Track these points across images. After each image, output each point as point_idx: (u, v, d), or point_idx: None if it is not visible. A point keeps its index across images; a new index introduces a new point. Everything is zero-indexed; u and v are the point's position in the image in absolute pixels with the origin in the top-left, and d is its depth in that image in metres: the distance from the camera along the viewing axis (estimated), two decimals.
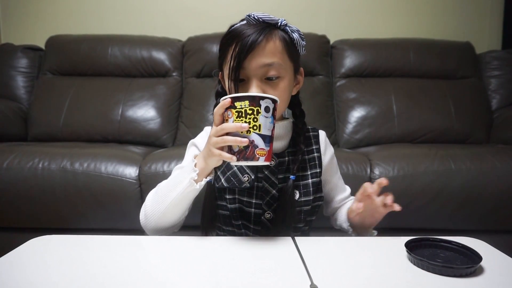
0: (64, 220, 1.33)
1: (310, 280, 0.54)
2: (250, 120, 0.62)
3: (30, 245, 0.67)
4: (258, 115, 0.62)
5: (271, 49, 0.72)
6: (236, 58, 0.71)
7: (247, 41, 0.70)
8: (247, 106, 0.62)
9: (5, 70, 2.00)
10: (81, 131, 1.83)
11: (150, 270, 0.58)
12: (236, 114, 0.63)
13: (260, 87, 0.72)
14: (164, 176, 1.31)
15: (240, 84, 0.73)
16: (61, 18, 2.27)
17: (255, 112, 0.62)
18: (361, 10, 2.26)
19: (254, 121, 0.62)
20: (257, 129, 0.62)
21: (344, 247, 0.68)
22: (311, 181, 0.83)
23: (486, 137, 1.87)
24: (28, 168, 1.31)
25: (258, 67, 0.72)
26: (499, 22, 2.27)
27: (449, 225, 1.32)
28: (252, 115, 0.62)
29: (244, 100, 0.62)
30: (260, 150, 0.63)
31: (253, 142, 0.62)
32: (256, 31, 0.71)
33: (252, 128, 0.62)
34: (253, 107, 0.62)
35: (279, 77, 0.74)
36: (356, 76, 2.00)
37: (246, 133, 0.62)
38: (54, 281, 0.54)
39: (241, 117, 0.62)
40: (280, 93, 0.73)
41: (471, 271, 0.56)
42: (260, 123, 0.62)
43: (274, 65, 0.72)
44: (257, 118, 0.62)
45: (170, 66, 2.00)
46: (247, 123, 0.62)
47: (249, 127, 0.62)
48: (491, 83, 2.02)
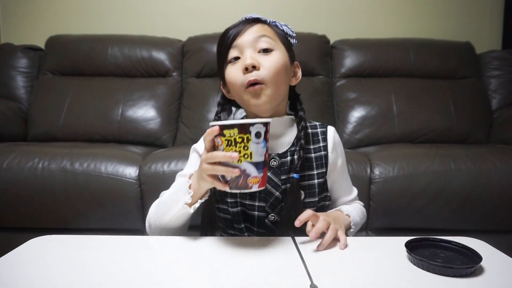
0: (64, 220, 1.33)
1: (310, 280, 0.54)
2: (241, 149, 0.59)
3: (30, 245, 0.67)
4: (248, 143, 0.58)
5: (260, 28, 0.77)
6: (229, 39, 0.76)
7: (237, 25, 0.77)
8: (236, 134, 0.58)
9: (5, 70, 2.00)
10: (81, 131, 1.83)
11: (150, 270, 0.58)
12: (225, 143, 0.59)
13: (253, 58, 0.73)
14: (164, 176, 1.33)
15: (234, 61, 0.76)
16: (61, 18, 2.27)
17: (245, 140, 0.58)
18: (361, 10, 2.26)
19: (245, 150, 0.59)
20: (248, 157, 0.59)
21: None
22: (317, 181, 0.79)
23: (486, 137, 1.88)
24: (28, 168, 1.31)
25: (252, 39, 0.74)
26: (499, 22, 2.27)
27: (449, 225, 1.32)
28: (242, 143, 0.58)
29: (232, 128, 0.58)
30: (253, 178, 0.60)
31: (245, 172, 0.59)
32: (249, 22, 0.77)
33: (243, 157, 0.59)
34: (243, 135, 0.58)
35: (272, 50, 0.75)
36: (356, 76, 2.00)
37: (237, 162, 0.59)
38: (54, 281, 0.54)
39: (231, 146, 0.59)
40: (273, 63, 0.74)
41: (471, 271, 0.56)
42: (251, 150, 0.59)
43: (265, 37, 0.75)
44: (248, 146, 0.59)
45: (170, 66, 2.00)
46: (237, 152, 0.58)
47: (239, 156, 0.59)
48: (491, 83, 2.02)
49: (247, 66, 0.72)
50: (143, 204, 1.32)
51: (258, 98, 0.74)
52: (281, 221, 0.77)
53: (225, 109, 0.85)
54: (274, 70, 0.73)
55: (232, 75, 0.75)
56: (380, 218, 1.34)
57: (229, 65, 0.76)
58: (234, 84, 0.75)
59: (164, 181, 1.30)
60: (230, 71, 0.76)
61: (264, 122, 0.60)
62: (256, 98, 0.74)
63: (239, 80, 0.74)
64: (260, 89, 0.73)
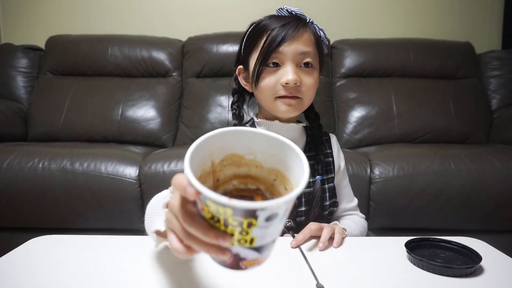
0: (64, 220, 1.33)
1: (316, 279, 0.53)
2: (235, 233, 0.34)
3: (30, 245, 0.67)
4: (250, 228, 0.34)
5: (307, 39, 0.75)
6: (273, 42, 0.71)
7: (286, 28, 0.72)
8: (228, 215, 0.33)
9: (5, 70, 2.00)
10: (81, 131, 1.83)
11: (150, 270, 0.58)
12: (208, 214, 0.35)
13: (296, 73, 0.72)
14: (164, 176, 1.33)
15: (273, 68, 0.74)
16: (61, 18, 2.27)
17: (244, 225, 0.34)
18: (361, 10, 2.26)
19: (242, 235, 0.35)
20: (247, 243, 0.35)
21: (344, 247, 0.68)
22: (327, 186, 0.82)
23: (486, 137, 1.88)
24: (28, 168, 1.31)
25: (297, 53, 0.73)
26: (499, 22, 2.27)
27: (449, 225, 1.32)
28: (239, 227, 0.34)
29: (223, 206, 0.32)
30: (249, 261, 0.37)
31: (238, 255, 0.37)
32: (292, 21, 0.74)
33: (236, 242, 0.35)
34: (241, 218, 0.33)
35: (313, 67, 0.76)
36: (356, 76, 2.00)
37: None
38: (54, 281, 0.54)
39: (217, 222, 0.35)
40: (314, 82, 0.75)
41: (471, 271, 0.56)
42: (254, 236, 0.35)
43: (310, 54, 0.74)
44: (248, 232, 0.34)
45: (170, 66, 2.00)
46: (228, 235, 0.35)
47: (231, 240, 0.35)
48: (491, 83, 2.02)
49: (290, 82, 0.72)
50: (143, 204, 1.32)
51: (290, 108, 0.75)
52: (296, 228, 0.77)
53: (241, 97, 0.85)
54: (313, 89, 0.76)
55: (269, 81, 0.74)
56: (380, 218, 1.34)
57: (267, 68, 0.74)
58: (268, 89, 0.75)
59: (164, 181, 1.31)
60: (267, 76, 0.74)
61: (288, 199, 0.33)
62: (288, 107, 0.75)
63: (275, 88, 0.74)
64: (296, 102, 0.75)
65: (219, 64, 1.96)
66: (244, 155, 0.39)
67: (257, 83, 0.75)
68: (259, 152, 0.39)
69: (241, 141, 0.39)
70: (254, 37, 0.76)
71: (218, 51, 1.96)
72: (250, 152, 0.38)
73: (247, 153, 0.38)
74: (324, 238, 0.66)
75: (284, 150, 0.38)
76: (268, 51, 0.72)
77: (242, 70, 0.82)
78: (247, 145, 0.39)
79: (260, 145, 0.39)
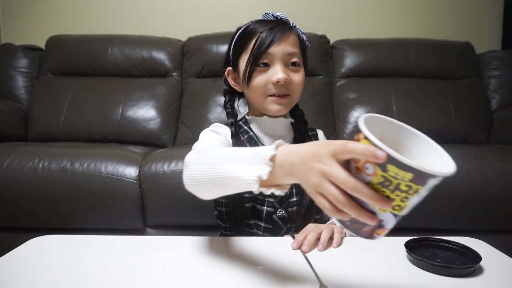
0: (64, 220, 1.33)
1: (319, 280, 0.53)
2: (397, 198, 0.39)
3: (30, 245, 0.67)
4: (413, 195, 0.39)
5: (293, 40, 0.81)
6: (263, 44, 0.77)
7: (274, 31, 0.78)
8: (406, 180, 0.38)
9: (5, 70, 2.00)
10: (81, 131, 1.83)
11: (150, 270, 0.58)
12: (380, 179, 0.39)
13: (285, 72, 0.78)
14: (164, 176, 1.32)
15: (263, 67, 0.79)
16: (61, 18, 2.27)
17: (410, 191, 0.39)
18: (361, 10, 2.26)
19: (402, 201, 0.40)
20: (398, 210, 0.40)
21: (344, 247, 0.68)
22: None
23: (486, 137, 1.87)
24: (28, 168, 1.31)
25: (285, 54, 0.79)
26: (499, 22, 2.27)
27: (449, 225, 1.32)
28: (404, 193, 0.39)
29: (406, 171, 0.37)
30: (383, 230, 0.43)
31: (381, 222, 0.42)
32: (279, 24, 0.80)
33: (392, 208, 0.40)
34: (414, 184, 0.38)
35: (299, 66, 0.82)
36: (356, 76, 2.00)
37: (378, 209, 0.41)
38: (54, 281, 0.54)
39: (385, 187, 0.39)
40: (301, 79, 0.81)
41: (471, 271, 0.56)
42: (408, 204, 0.40)
43: (296, 54, 0.80)
44: (409, 198, 0.39)
45: (170, 66, 2.00)
46: (391, 200, 0.39)
47: (391, 206, 0.40)
48: (491, 83, 2.02)
49: (280, 81, 0.77)
50: (143, 204, 1.32)
51: (281, 107, 0.81)
52: (288, 218, 0.81)
53: (232, 97, 0.90)
54: (301, 86, 0.82)
55: (260, 80, 0.79)
56: None
57: (258, 68, 0.79)
58: (259, 88, 0.80)
59: (164, 181, 1.31)
60: (258, 75, 0.79)
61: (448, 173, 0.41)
62: (280, 106, 0.80)
63: (266, 87, 0.79)
64: (286, 101, 0.81)
65: (219, 64, 1.94)
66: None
67: (249, 83, 0.80)
68: (388, 140, 0.42)
69: (380, 127, 0.44)
70: (243, 40, 0.82)
71: (218, 51, 1.96)
72: (381, 139, 0.39)
73: (380, 138, 0.39)
74: (324, 239, 0.67)
75: (415, 141, 0.45)
76: (258, 52, 0.77)
77: (231, 71, 0.87)
78: (379, 131, 0.41)
79: (391, 133, 0.46)
